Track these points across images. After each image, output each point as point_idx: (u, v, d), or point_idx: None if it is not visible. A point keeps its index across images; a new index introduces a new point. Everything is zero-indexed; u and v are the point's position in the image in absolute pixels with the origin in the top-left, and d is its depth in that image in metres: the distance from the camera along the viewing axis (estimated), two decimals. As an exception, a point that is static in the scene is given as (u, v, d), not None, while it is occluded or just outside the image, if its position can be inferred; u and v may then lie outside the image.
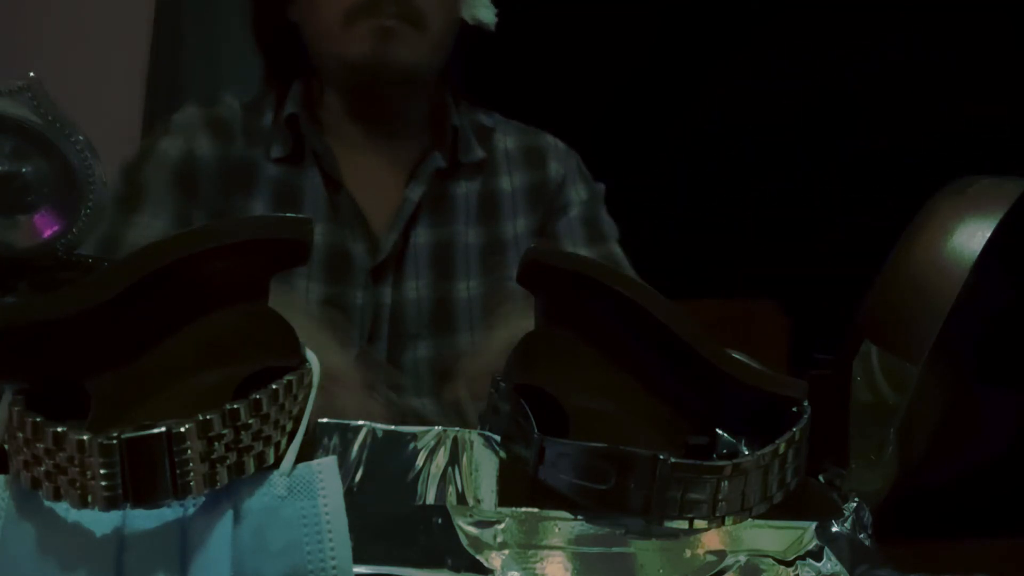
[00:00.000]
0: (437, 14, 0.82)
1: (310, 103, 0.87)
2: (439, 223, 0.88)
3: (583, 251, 0.90)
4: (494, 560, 0.38)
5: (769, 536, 0.41)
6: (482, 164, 0.91)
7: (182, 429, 0.33)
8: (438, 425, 0.42)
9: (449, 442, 0.41)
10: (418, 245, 0.86)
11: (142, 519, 0.35)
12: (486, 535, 0.39)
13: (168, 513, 0.35)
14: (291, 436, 0.37)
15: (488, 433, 0.42)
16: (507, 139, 0.94)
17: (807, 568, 0.40)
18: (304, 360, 0.39)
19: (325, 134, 0.87)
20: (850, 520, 0.43)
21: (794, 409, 0.43)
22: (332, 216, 0.85)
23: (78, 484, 0.33)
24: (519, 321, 0.46)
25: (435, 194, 0.88)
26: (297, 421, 0.38)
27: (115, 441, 0.33)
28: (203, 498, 0.35)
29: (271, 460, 0.36)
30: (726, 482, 0.39)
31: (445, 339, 0.86)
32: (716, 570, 0.39)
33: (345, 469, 0.39)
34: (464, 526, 0.39)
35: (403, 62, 0.81)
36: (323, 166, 0.85)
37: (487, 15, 0.87)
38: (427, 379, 0.85)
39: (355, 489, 0.40)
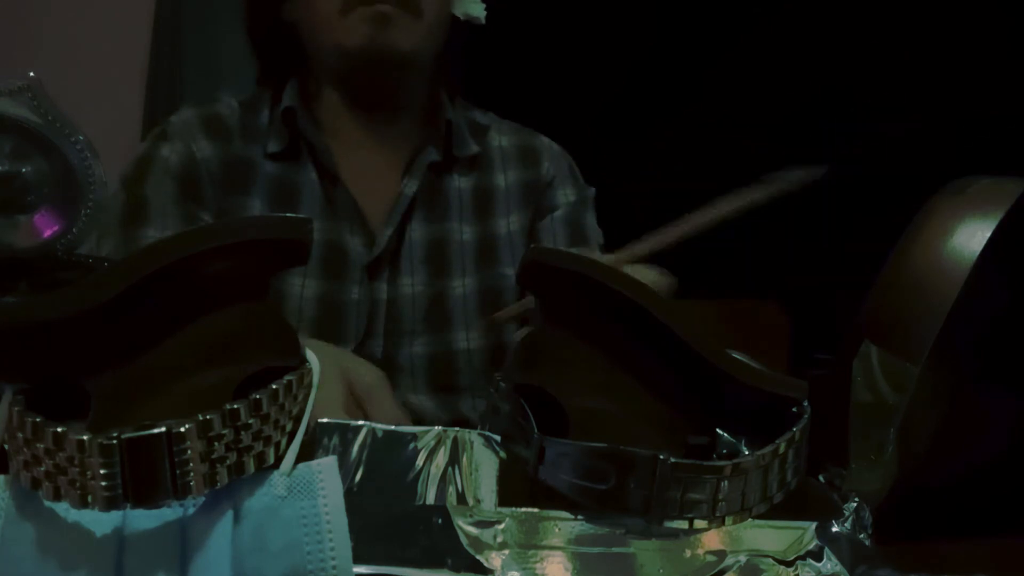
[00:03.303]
0: (432, 2, 0.83)
1: (306, 99, 0.88)
2: (434, 218, 0.88)
3: (551, 235, 0.91)
4: (494, 560, 0.38)
5: (769, 536, 0.41)
6: (477, 159, 0.91)
7: (182, 429, 0.33)
8: (436, 423, 0.42)
9: (449, 442, 0.41)
10: (413, 240, 0.87)
11: (142, 519, 0.35)
12: (486, 535, 0.39)
13: (168, 513, 0.35)
14: (291, 436, 0.37)
15: (488, 433, 0.42)
16: (502, 137, 0.95)
17: (807, 568, 0.40)
18: (304, 360, 0.39)
19: (321, 131, 0.87)
20: (850, 520, 0.43)
21: (794, 409, 0.43)
22: (328, 211, 0.85)
23: (78, 484, 0.33)
24: None
25: (430, 188, 0.88)
26: (297, 421, 0.38)
27: (115, 441, 0.33)
28: (203, 498, 0.35)
29: (271, 460, 0.36)
30: (726, 482, 0.39)
31: (440, 336, 0.86)
32: (716, 570, 0.39)
33: (345, 469, 0.39)
34: (464, 526, 0.39)
35: (399, 48, 0.82)
36: (319, 161, 0.86)
37: (476, 10, 0.88)
38: (423, 376, 0.86)
39: (355, 489, 0.40)
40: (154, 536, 0.35)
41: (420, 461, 0.41)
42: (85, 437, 0.33)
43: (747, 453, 0.42)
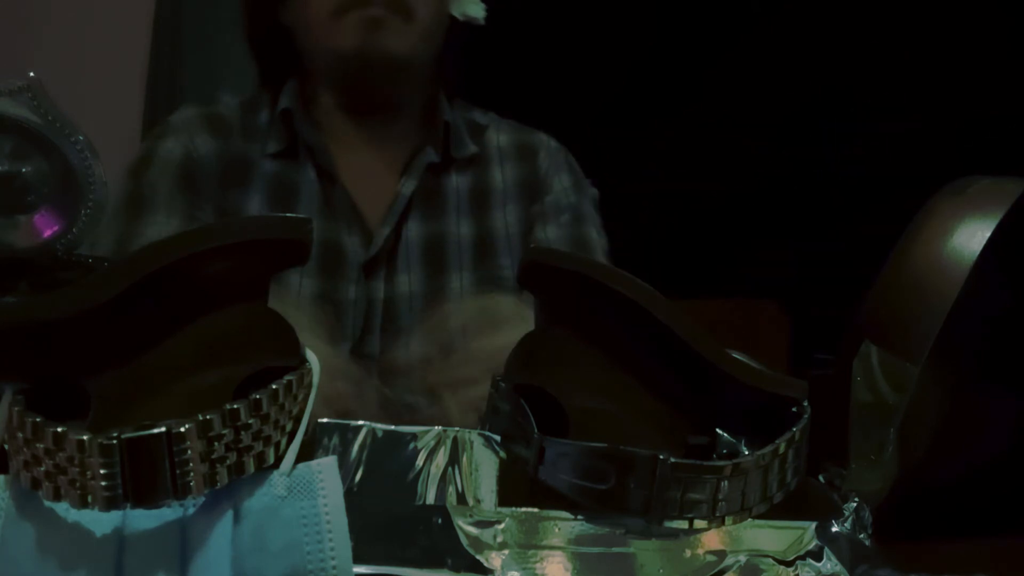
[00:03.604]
0: (425, 5, 0.83)
1: (304, 100, 0.88)
2: (431, 217, 0.88)
3: (553, 230, 0.91)
4: (494, 560, 0.38)
5: (769, 536, 0.41)
6: (474, 159, 0.91)
7: (182, 429, 0.33)
8: (433, 421, 0.42)
9: (449, 442, 0.41)
10: (410, 239, 0.87)
11: (142, 519, 0.35)
12: (486, 535, 0.39)
13: (168, 513, 0.35)
14: (291, 436, 0.37)
15: (488, 433, 0.42)
16: (500, 136, 0.95)
17: (807, 568, 0.40)
18: (304, 360, 0.39)
19: (319, 132, 0.87)
20: (850, 520, 0.43)
21: (794, 409, 0.43)
22: (326, 211, 0.85)
23: (78, 484, 0.33)
24: (511, 331, 0.46)
25: (427, 188, 0.88)
26: (297, 421, 0.38)
27: (115, 441, 0.33)
28: (203, 498, 0.35)
29: (271, 460, 0.36)
30: (726, 482, 0.39)
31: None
32: (716, 570, 0.39)
33: (345, 469, 0.39)
34: (464, 526, 0.39)
35: (392, 52, 0.82)
36: (317, 161, 0.86)
37: (476, 10, 0.88)
38: (420, 375, 0.86)
39: (355, 489, 0.40)
40: (154, 536, 0.35)
41: (420, 461, 0.41)
42: (85, 437, 0.33)
43: (747, 453, 0.42)
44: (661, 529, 0.39)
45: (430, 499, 0.40)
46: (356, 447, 0.40)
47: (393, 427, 0.41)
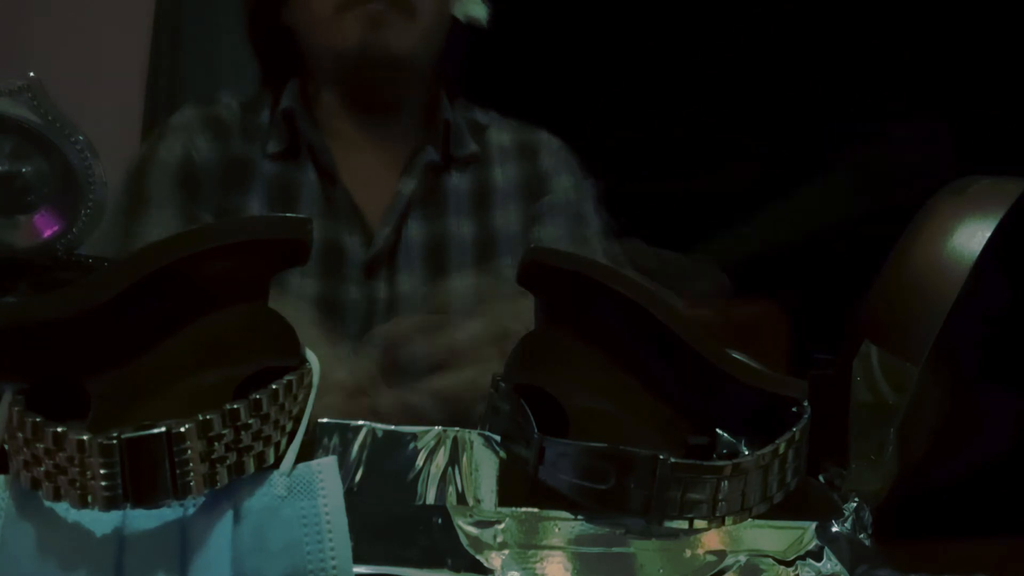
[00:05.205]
0: (428, 4, 0.83)
1: (306, 99, 0.88)
2: (432, 216, 0.88)
3: (553, 230, 0.91)
4: (494, 560, 0.38)
5: (769, 536, 0.41)
6: (475, 158, 0.92)
7: (182, 429, 0.33)
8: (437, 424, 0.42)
9: (449, 442, 0.41)
10: (411, 239, 0.87)
11: (142, 519, 0.35)
12: (486, 535, 0.39)
13: (168, 513, 0.35)
14: (291, 436, 0.37)
15: (488, 433, 0.42)
16: (502, 135, 0.95)
17: (807, 568, 0.40)
18: (304, 360, 0.39)
19: (320, 131, 0.88)
20: (850, 520, 0.43)
21: (794, 409, 0.43)
22: (327, 211, 0.86)
23: (78, 484, 0.33)
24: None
25: (428, 188, 0.88)
26: (297, 421, 0.38)
27: (115, 441, 0.33)
28: (203, 498, 0.35)
29: (271, 460, 0.36)
30: (726, 482, 0.39)
31: None
32: (716, 570, 0.39)
33: (345, 469, 0.39)
34: (464, 526, 0.39)
35: (393, 50, 0.82)
36: (318, 161, 0.86)
37: (479, 11, 0.88)
38: (423, 374, 0.86)
39: (355, 489, 0.40)
40: (154, 536, 0.35)
41: (420, 461, 0.41)
42: (85, 437, 0.33)
43: (747, 453, 0.42)
44: (661, 529, 0.39)
45: (430, 499, 0.40)
46: (356, 447, 0.40)
47: (393, 427, 0.41)
